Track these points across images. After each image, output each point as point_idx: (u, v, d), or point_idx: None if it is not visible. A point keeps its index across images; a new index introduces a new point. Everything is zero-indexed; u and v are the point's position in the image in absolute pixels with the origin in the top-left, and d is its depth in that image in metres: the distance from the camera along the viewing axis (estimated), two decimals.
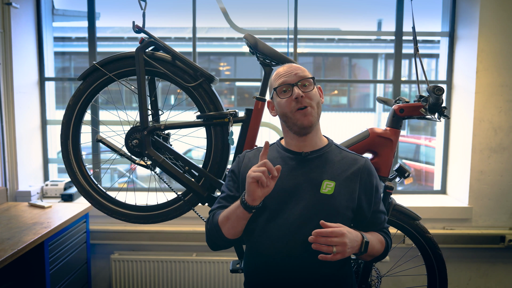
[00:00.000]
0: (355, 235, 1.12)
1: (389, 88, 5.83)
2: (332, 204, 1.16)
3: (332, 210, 1.16)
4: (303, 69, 1.24)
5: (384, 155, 1.49)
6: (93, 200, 1.61)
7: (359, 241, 1.12)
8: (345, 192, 1.19)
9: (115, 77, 1.55)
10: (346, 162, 1.22)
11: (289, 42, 2.71)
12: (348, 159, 1.23)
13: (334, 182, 1.18)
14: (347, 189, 1.19)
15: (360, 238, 1.13)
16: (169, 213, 1.60)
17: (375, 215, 1.25)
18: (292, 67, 1.22)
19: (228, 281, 2.59)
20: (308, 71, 1.24)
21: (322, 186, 1.18)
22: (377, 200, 1.25)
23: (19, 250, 1.71)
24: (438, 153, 2.89)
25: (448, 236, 2.54)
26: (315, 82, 1.22)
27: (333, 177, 1.19)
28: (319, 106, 1.21)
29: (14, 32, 2.48)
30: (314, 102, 1.18)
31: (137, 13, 1.60)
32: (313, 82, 1.20)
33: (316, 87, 1.23)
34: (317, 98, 1.20)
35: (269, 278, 1.19)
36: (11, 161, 2.51)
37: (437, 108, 1.38)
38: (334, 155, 1.23)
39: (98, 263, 2.66)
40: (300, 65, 1.27)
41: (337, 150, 1.26)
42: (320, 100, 1.23)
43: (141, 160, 1.56)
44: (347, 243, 1.07)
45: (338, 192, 1.18)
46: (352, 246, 1.09)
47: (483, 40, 2.47)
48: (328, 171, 1.20)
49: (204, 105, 1.53)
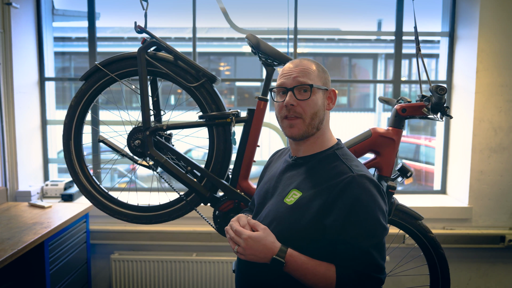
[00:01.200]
0: (266, 245, 0.99)
1: (389, 88, 5.84)
2: (287, 215, 1.05)
3: (287, 222, 1.05)
4: (308, 70, 1.09)
5: (386, 155, 1.49)
6: (95, 201, 1.61)
7: (269, 253, 0.99)
8: (307, 208, 1.02)
9: (117, 77, 1.55)
10: (329, 174, 1.04)
11: (289, 42, 2.71)
12: (335, 171, 1.04)
13: (301, 193, 1.06)
14: (311, 205, 1.02)
15: (272, 251, 0.99)
16: (172, 213, 1.60)
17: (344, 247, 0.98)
18: (296, 67, 1.10)
19: (228, 281, 2.59)
20: (315, 73, 1.09)
21: (288, 194, 1.08)
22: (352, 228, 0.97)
23: (19, 250, 1.70)
24: (438, 153, 2.90)
25: (448, 236, 2.54)
26: (323, 86, 1.10)
27: (304, 187, 1.06)
28: (315, 117, 1.07)
29: (14, 32, 2.47)
30: (307, 113, 1.06)
31: (137, 13, 1.60)
32: (310, 89, 1.07)
33: (325, 91, 1.11)
34: (314, 108, 1.07)
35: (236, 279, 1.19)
36: (11, 161, 2.50)
37: (439, 107, 1.38)
38: (324, 164, 1.08)
39: (98, 263, 2.65)
40: (310, 61, 1.12)
41: (333, 158, 1.09)
42: (321, 108, 1.09)
43: (143, 161, 1.56)
44: (248, 248, 0.99)
45: (298, 205, 1.04)
46: (255, 254, 0.99)
47: (483, 40, 2.47)
48: (304, 180, 1.08)
49: (206, 105, 1.53)
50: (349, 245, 0.98)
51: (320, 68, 1.13)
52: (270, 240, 1.01)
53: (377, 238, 0.98)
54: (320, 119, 1.09)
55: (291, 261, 0.99)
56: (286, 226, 1.05)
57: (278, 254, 0.99)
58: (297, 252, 1.01)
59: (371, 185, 1.01)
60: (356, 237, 0.97)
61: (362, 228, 0.98)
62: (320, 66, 1.13)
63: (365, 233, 0.98)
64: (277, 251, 1.00)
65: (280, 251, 1.00)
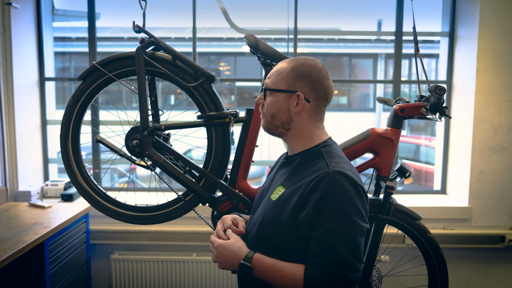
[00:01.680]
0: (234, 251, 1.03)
1: (389, 88, 5.83)
2: (271, 211, 1.08)
3: (271, 217, 1.07)
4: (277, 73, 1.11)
5: (385, 155, 1.49)
6: (93, 201, 1.61)
7: (236, 259, 1.02)
8: (287, 203, 1.04)
9: (115, 77, 1.55)
10: (310, 170, 1.05)
11: (289, 42, 2.71)
12: (315, 167, 1.04)
13: (284, 189, 1.08)
14: (290, 200, 1.04)
15: (238, 258, 1.02)
16: (170, 214, 1.60)
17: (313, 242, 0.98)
18: (273, 70, 1.14)
19: (228, 281, 2.59)
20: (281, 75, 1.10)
21: (274, 191, 1.11)
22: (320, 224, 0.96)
23: (19, 250, 1.70)
24: (438, 153, 2.89)
25: (448, 236, 2.54)
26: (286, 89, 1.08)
27: (286, 184, 1.09)
28: (274, 118, 1.10)
29: (14, 32, 2.48)
30: (266, 113, 1.13)
31: (137, 13, 1.59)
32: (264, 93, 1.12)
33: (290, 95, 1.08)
34: (270, 109, 1.11)
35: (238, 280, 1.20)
36: (11, 161, 2.51)
37: (438, 108, 1.38)
38: (307, 161, 1.09)
39: (98, 263, 2.66)
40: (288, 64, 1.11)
41: (317, 155, 1.08)
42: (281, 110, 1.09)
43: (141, 161, 1.56)
44: (219, 256, 1.05)
45: (280, 201, 1.06)
46: (225, 262, 1.05)
47: (483, 40, 2.47)
48: (288, 176, 1.11)
49: (205, 105, 1.53)
50: (318, 241, 0.96)
51: (297, 70, 1.09)
52: (238, 246, 1.05)
53: (348, 236, 0.95)
54: (281, 121, 1.10)
55: (257, 265, 1.01)
56: (269, 221, 1.07)
57: (245, 259, 1.01)
58: (264, 256, 1.02)
59: (346, 181, 0.99)
60: (326, 233, 0.95)
61: (331, 224, 0.95)
62: (297, 69, 1.09)
63: (334, 230, 0.95)
64: (244, 256, 1.02)
65: (246, 256, 1.02)
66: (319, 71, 1.10)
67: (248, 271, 1.00)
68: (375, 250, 1.52)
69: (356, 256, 0.96)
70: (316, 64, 1.11)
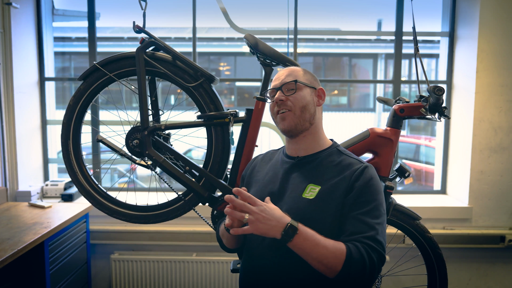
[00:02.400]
0: (279, 214, 1.01)
1: (389, 88, 5.84)
2: (311, 209, 1.09)
3: (311, 215, 1.09)
4: (293, 73, 1.22)
5: (384, 155, 1.49)
6: (94, 200, 1.61)
7: (281, 222, 0.99)
8: (330, 199, 1.10)
9: (115, 77, 1.55)
10: (340, 167, 1.14)
11: (289, 42, 2.71)
12: (344, 164, 1.15)
13: (319, 186, 1.12)
14: (333, 195, 1.10)
15: (285, 220, 0.99)
16: (170, 213, 1.60)
17: (352, 221, 1.06)
18: (284, 72, 1.23)
19: (228, 281, 2.59)
20: (299, 74, 1.22)
21: (305, 190, 1.13)
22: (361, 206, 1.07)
23: (19, 250, 1.71)
24: (438, 153, 2.90)
25: (448, 236, 2.54)
26: (309, 85, 1.21)
27: (320, 181, 1.13)
28: (305, 110, 1.18)
29: (14, 32, 2.48)
30: (297, 106, 1.17)
31: (137, 13, 1.60)
32: (295, 85, 1.18)
33: (312, 90, 1.22)
34: (302, 101, 1.17)
35: (249, 281, 1.19)
36: (11, 161, 2.51)
37: (437, 108, 1.38)
38: (330, 160, 1.17)
39: (98, 263, 2.66)
40: (299, 67, 1.24)
41: (338, 154, 1.19)
42: (310, 103, 1.19)
43: (141, 160, 1.56)
44: (261, 216, 0.98)
45: (321, 198, 1.10)
46: (268, 223, 0.98)
47: (483, 40, 2.47)
48: (317, 175, 1.15)
49: (205, 105, 1.53)
50: (358, 220, 1.05)
51: (307, 72, 1.25)
52: (282, 214, 1.03)
53: (381, 219, 1.08)
54: (310, 113, 1.19)
55: (302, 230, 1.00)
56: (315, 219, 1.08)
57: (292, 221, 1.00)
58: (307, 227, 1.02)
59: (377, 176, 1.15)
60: (365, 213, 1.06)
61: (370, 207, 1.07)
62: (308, 72, 1.26)
63: (372, 212, 1.07)
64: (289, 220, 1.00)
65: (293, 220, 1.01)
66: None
67: (293, 233, 0.98)
68: None
69: (385, 240, 1.08)
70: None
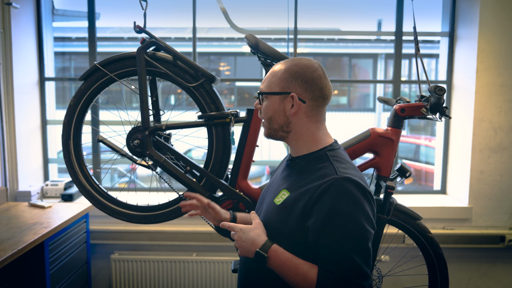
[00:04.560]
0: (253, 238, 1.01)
1: (389, 88, 5.84)
2: (276, 216, 1.06)
3: (274, 221, 1.06)
4: (271, 75, 1.11)
5: (385, 155, 1.49)
6: (95, 200, 1.61)
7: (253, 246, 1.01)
8: (292, 210, 1.03)
9: (116, 77, 1.55)
10: (316, 175, 1.03)
11: (289, 42, 2.71)
12: (321, 172, 1.02)
13: (289, 193, 1.06)
14: (295, 207, 1.02)
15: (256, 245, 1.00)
16: (171, 213, 1.60)
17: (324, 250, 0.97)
18: (267, 74, 1.13)
19: (228, 281, 2.59)
20: (275, 78, 1.09)
21: (279, 194, 1.09)
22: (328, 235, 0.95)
23: (19, 250, 1.70)
24: (438, 153, 2.90)
25: (448, 236, 2.54)
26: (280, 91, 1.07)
27: (292, 188, 1.07)
28: (272, 121, 1.10)
29: (14, 32, 2.48)
30: (264, 117, 1.12)
31: (137, 13, 1.60)
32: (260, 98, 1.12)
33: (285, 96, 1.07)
34: (267, 113, 1.10)
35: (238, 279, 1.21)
36: (11, 161, 2.51)
37: (438, 108, 1.38)
38: (313, 165, 1.06)
39: (98, 263, 2.66)
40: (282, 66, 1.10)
41: (323, 159, 1.06)
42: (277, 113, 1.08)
43: (142, 160, 1.56)
44: (238, 240, 1.03)
45: (285, 206, 1.05)
46: (243, 247, 1.02)
47: (483, 40, 2.47)
48: (294, 180, 1.08)
49: (205, 105, 1.53)
50: (330, 248, 0.95)
51: (291, 70, 1.07)
52: (257, 233, 1.03)
53: (360, 243, 0.96)
54: (279, 123, 1.09)
55: (274, 256, 0.99)
56: (273, 226, 1.06)
57: (262, 248, 1.00)
58: (282, 249, 1.01)
59: (355, 188, 0.98)
60: (338, 241, 0.95)
61: (343, 232, 0.95)
62: (290, 70, 1.08)
63: (346, 238, 0.95)
64: (261, 245, 1.00)
65: (264, 245, 1.00)
66: (314, 70, 1.07)
67: (263, 261, 0.99)
68: (376, 250, 1.52)
69: (367, 263, 0.97)
70: (311, 63, 1.09)
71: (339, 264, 0.95)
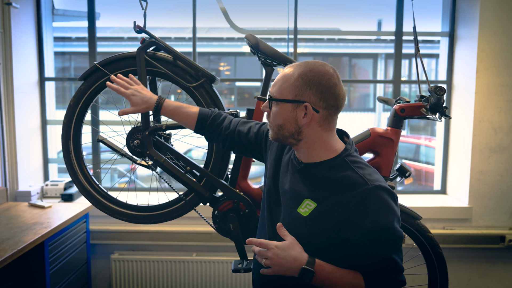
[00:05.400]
0: (294, 256, 0.97)
1: (389, 88, 5.84)
2: (304, 227, 1.03)
3: (303, 233, 1.02)
4: (282, 80, 1.04)
5: (385, 155, 1.49)
6: (94, 200, 1.61)
7: (296, 264, 0.97)
8: (325, 221, 1.01)
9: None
10: (342, 186, 1.01)
11: (289, 42, 2.71)
12: (348, 182, 1.00)
13: (315, 204, 1.02)
14: (328, 218, 1.00)
15: (299, 262, 0.97)
16: (171, 213, 1.60)
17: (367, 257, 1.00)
18: (278, 77, 1.07)
19: (228, 281, 2.59)
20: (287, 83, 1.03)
21: (302, 204, 1.05)
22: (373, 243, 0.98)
23: (19, 250, 1.71)
24: (438, 153, 2.90)
25: (448, 236, 2.54)
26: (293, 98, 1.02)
27: (317, 198, 1.03)
28: (282, 129, 1.04)
29: (14, 32, 2.48)
30: (273, 123, 1.07)
31: (137, 13, 1.59)
32: (269, 103, 1.06)
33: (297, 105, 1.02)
34: (276, 120, 1.05)
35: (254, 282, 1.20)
36: (11, 161, 2.51)
37: (438, 108, 1.38)
38: (335, 173, 1.03)
39: (98, 263, 2.66)
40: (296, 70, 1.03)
41: (344, 167, 1.03)
42: (288, 121, 1.03)
43: (142, 160, 1.56)
44: (275, 258, 0.97)
45: (315, 217, 1.02)
46: (282, 265, 0.97)
47: (483, 40, 2.47)
48: (316, 189, 1.04)
49: (206, 105, 1.53)
50: (373, 255, 0.99)
51: (302, 78, 1.01)
52: (298, 251, 0.99)
53: (397, 245, 1.01)
54: (290, 131, 1.04)
55: (320, 270, 0.98)
56: (302, 237, 1.02)
57: (308, 263, 0.97)
58: (324, 262, 1.00)
59: (387, 195, 1.00)
60: (380, 248, 0.99)
61: (385, 241, 0.99)
62: (305, 76, 1.01)
63: (387, 244, 0.99)
64: (306, 261, 0.98)
65: (308, 261, 0.98)
66: (330, 77, 1.01)
67: (310, 277, 0.97)
68: None
69: (402, 259, 1.04)
70: (326, 69, 1.02)
71: (384, 267, 1.01)
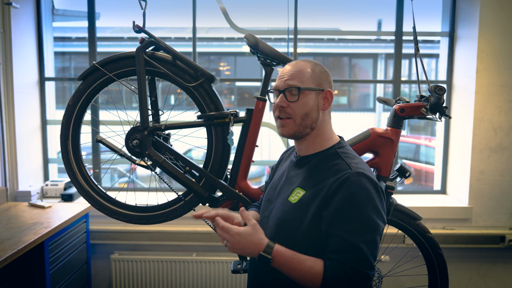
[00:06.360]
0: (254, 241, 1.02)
1: (389, 88, 5.84)
2: (292, 214, 1.08)
3: (289, 219, 1.08)
4: (300, 72, 1.11)
5: (385, 155, 1.49)
6: (93, 201, 1.61)
7: (256, 249, 1.01)
8: (309, 206, 1.06)
9: (115, 77, 1.55)
10: (329, 173, 1.07)
11: (289, 42, 2.71)
12: (335, 168, 1.07)
13: (304, 191, 1.09)
14: (312, 203, 1.05)
15: (259, 248, 1.01)
16: (170, 214, 1.60)
17: (334, 239, 1.01)
18: (290, 69, 1.13)
19: (228, 281, 2.59)
20: (307, 75, 1.11)
21: (293, 193, 1.11)
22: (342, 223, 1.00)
23: (19, 250, 1.70)
24: (438, 153, 2.89)
25: (448, 236, 2.54)
26: (316, 87, 1.10)
27: (307, 185, 1.09)
28: (306, 117, 1.10)
29: (14, 32, 2.48)
30: (297, 113, 1.10)
31: (137, 13, 1.59)
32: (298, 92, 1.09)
33: (319, 92, 1.11)
34: (304, 109, 1.10)
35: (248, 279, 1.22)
36: (11, 161, 2.51)
37: (438, 108, 1.38)
38: (325, 162, 1.10)
39: (98, 263, 2.66)
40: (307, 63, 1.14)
41: (334, 156, 1.11)
42: (313, 109, 1.11)
43: (141, 161, 1.56)
44: (235, 243, 1.03)
45: (302, 203, 1.07)
46: (243, 250, 1.03)
47: (483, 40, 2.47)
48: (307, 178, 1.11)
49: (205, 105, 1.53)
50: (340, 238, 1.00)
51: (316, 69, 1.13)
52: (258, 237, 1.03)
53: (369, 235, 1.00)
54: (312, 119, 1.12)
55: (277, 256, 1.01)
56: (291, 224, 1.07)
57: (265, 250, 1.02)
58: (284, 248, 1.03)
59: (368, 182, 1.03)
60: (348, 231, 0.99)
61: (354, 224, 1.00)
62: (318, 67, 1.14)
63: (357, 229, 0.99)
64: (264, 247, 1.02)
65: (267, 247, 1.02)
66: (328, 73, 1.16)
67: (267, 263, 1.01)
68: None
69: (374, 254, 1.01)
70: (323, 66, 1.17)
71: (347, 253, 0.99)
